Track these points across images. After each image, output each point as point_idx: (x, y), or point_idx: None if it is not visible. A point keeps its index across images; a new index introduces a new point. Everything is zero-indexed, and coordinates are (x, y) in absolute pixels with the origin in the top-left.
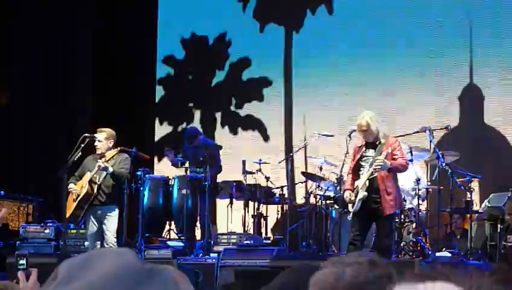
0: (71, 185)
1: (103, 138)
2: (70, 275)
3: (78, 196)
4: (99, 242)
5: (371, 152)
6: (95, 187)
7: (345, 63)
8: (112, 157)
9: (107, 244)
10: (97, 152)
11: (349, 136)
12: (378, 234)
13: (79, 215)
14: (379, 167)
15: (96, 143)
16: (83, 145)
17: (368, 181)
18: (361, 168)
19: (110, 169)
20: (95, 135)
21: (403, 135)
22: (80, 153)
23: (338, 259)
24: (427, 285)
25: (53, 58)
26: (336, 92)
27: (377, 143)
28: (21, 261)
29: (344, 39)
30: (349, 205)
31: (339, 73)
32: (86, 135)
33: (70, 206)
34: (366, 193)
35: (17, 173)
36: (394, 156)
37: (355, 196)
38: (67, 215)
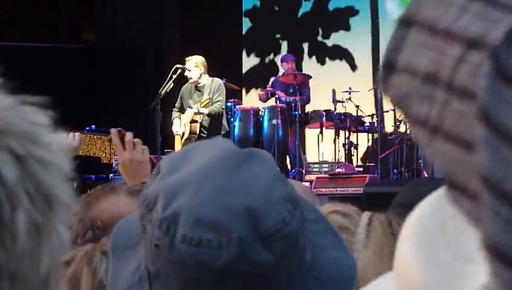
0: (175, 127)
1: (193, 66)
2: (172, 168)
3: (184, 134)
4: None
5: None
6: (197, 127)
7: None
8: (205, 86)
9: None
10: (189, 81)
11: None
12: None
13: None
14: None
15: (186, 73)
16: (175, 76)
17: None
18: None
19: (206, 111)
20: (186, 66)
21: None
22: (172, 85)
23: None
24: None
25: None
26: None
27: None
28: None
29: None
30: None
31: None
32: (178, 66)
33: (179, 144)
34: None
35: (107, 107)
36: None
37: None
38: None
